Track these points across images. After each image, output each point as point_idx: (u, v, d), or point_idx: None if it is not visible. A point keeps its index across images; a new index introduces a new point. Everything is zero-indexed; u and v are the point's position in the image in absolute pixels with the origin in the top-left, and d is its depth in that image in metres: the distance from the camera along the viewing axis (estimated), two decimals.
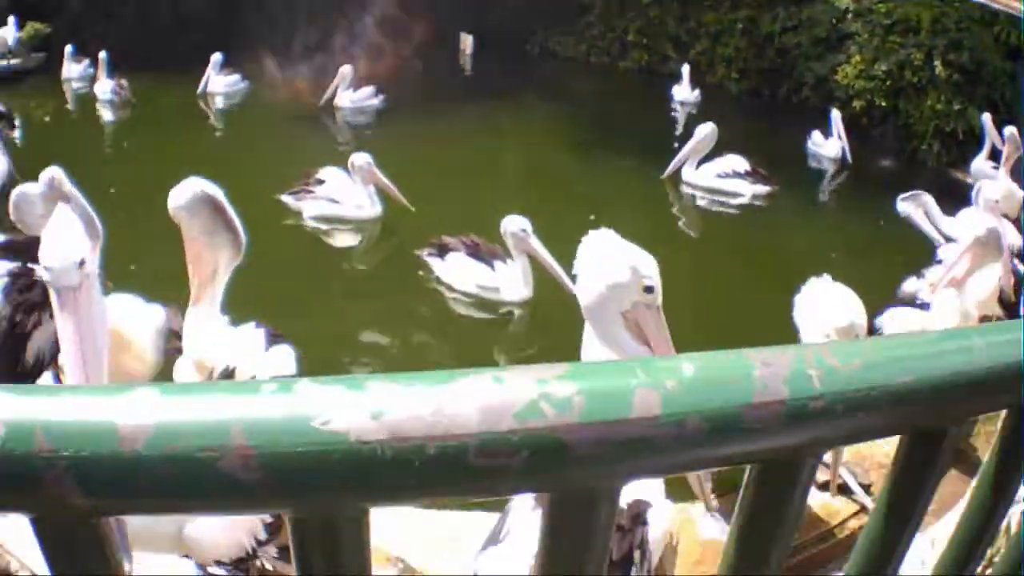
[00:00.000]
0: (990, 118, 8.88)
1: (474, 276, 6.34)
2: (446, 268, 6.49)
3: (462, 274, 6.39)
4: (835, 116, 9.66)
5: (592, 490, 0.64)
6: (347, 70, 11.47)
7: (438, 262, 6.56)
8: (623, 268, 2.31)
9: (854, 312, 2.97)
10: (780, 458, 0.70)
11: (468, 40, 14.28)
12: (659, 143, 9.55)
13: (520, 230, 5.96)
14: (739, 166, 8.58)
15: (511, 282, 6.23)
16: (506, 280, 6.25)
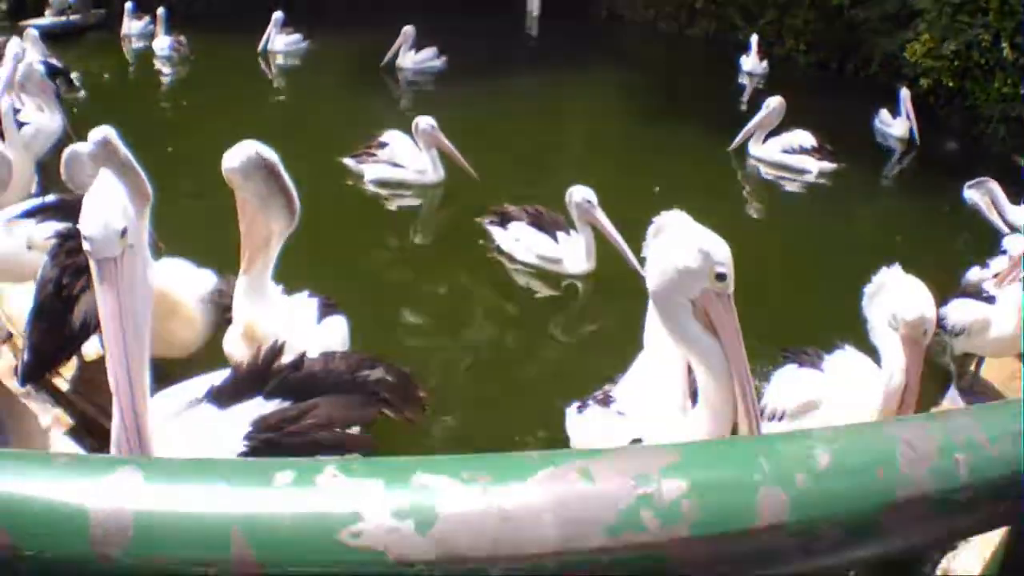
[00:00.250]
0: None
1: (536, 246, 6.18)
2: (507, 237, 6.35)
3: (524, 244, 6.25)
4: (904, 95, 9.44)
5: None
6: (410, 30, 11.35)
7: (499, 231, 6.43)
8: (694, 253, 2.19)
9: (925, 306, 2.87)
10: (905, 557, 0.57)
11: (535, 1, 14.06)
12: (725, 114, 9.37)
13: (585, 200, 5.78)
14: (806, 141, 8.46)
15: (574, 254, 6.07)
16: (569, 252, 6.09)
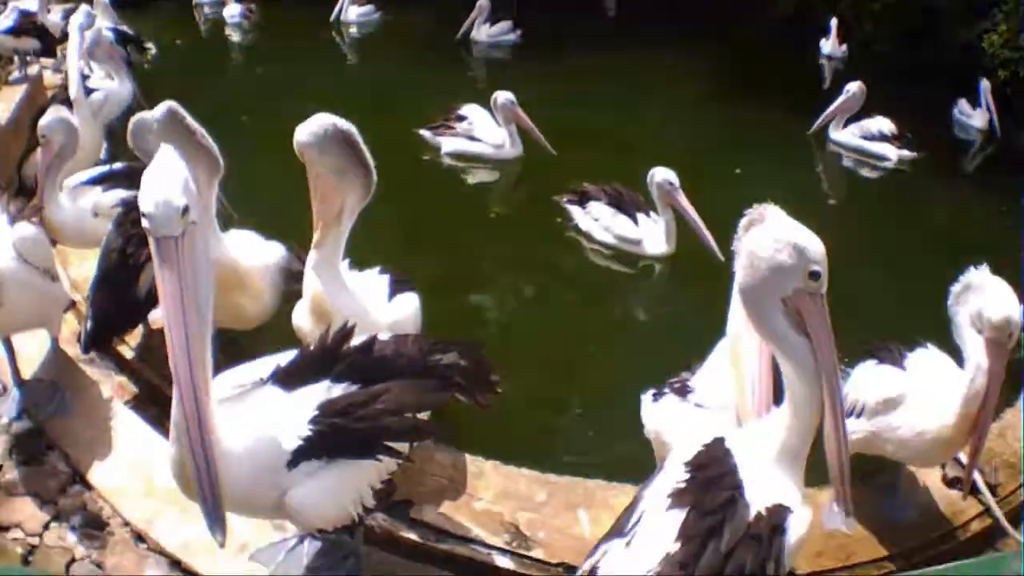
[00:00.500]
0: None
1: (615, 227, 6.12)
2: (586, 217, 6.30)
3: (602, 224, 6.19)
4: (984, 86, 9.13)
5: None
6: (485, 3, 11.27)
7: (578, 210, 6.38)
8: (788, 250, 2.10)
9: (1012, 308, 2.91)
10: None
11: None
12: (804, 98, 9.18)
13: (667, 182, 5.71)
14: (885, 128, 8.30)
15: (653, 236, 6.01)
16: (648, 233, 6.03)
